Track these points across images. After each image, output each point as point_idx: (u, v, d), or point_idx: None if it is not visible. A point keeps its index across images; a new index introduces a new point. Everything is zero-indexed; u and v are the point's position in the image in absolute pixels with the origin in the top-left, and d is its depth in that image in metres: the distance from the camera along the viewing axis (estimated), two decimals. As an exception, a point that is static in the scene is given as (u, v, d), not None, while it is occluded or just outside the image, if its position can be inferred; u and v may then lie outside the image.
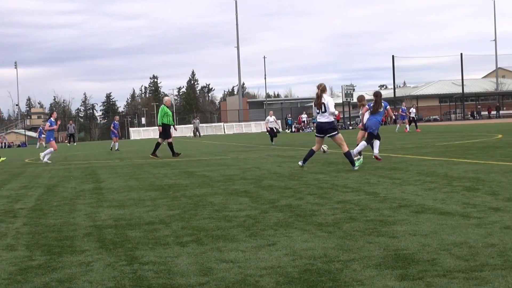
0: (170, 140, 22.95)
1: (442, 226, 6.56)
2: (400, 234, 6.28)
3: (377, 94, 15.72)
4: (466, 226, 6.50)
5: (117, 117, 37.01)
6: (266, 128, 32.10)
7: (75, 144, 56.10)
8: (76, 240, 6.86)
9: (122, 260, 5.77)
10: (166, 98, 24.70)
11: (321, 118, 13.36)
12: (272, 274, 5.02)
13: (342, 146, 13.42)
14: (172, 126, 23.23)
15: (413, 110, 46.29)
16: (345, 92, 76.99)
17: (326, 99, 13.23)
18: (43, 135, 49.81)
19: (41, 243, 6.78)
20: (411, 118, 44.28)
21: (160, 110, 23.24)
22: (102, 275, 5.25)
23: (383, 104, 15.76)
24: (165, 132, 22.94)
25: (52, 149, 23.49)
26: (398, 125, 43.53)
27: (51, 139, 24.07)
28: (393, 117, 25.79)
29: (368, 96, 20.46)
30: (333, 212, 7.82)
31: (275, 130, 30.96)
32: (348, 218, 7.38)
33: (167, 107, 23.24)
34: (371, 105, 15.79)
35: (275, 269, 5.17)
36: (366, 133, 15.75)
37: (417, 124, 44.66)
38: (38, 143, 53.43)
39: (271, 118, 31.28)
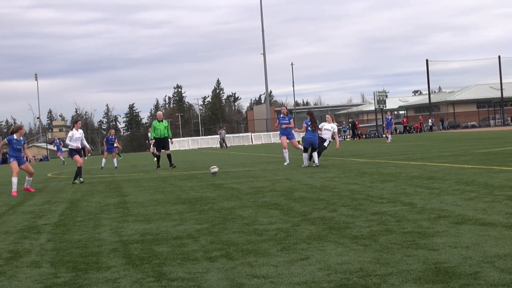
0: (159, 153, 25.48)
1: (485, 238, 6.27)
2: (440, 246, 6.03)
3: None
4: (510, 237, 6.22)
5: (112, 131, 32.90)
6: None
7: (85, 158, 54.95)
8: (102, 256, 6.69)
9: (150, 276, 5.60)
10: (158, 112, 26.98)
11: None
12: (306, 290, 4.82)
13: None
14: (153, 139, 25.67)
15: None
16: (378, 98, 75.72)
17: None
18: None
19: (66, 259, 6.63)
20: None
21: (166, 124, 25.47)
22: (130, 293, 5.09)
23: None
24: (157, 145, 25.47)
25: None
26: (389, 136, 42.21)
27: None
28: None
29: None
30: (368, 224, 7.55)
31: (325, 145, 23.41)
32: (385, 230, 7.10)
33: (158, 121, 25.27)
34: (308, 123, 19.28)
35: (309, 284, 4.99)
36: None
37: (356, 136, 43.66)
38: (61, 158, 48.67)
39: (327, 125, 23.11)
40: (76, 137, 18.94)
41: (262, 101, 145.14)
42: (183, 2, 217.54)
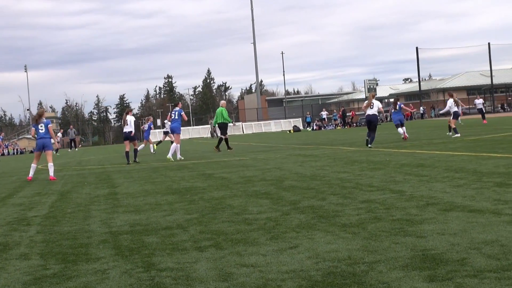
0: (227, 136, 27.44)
1: (472, 224, 6.32)
2: (428, 233, 6.07)
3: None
4: (497, 224, 6.26)
5: (151, 118, 31.98)
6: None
7: (76, 149, 55.18)
8: (91, 247, 6.70)
9: (139, 267, 5.61)
10: (222, 101, 28.65)
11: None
12: (294, 278, 4.87)
13: None
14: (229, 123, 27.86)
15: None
16: (368, 86, 76.45)
17: None
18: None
19: (56, 251, 6.63)
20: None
21: (222, 111, 27.13)
22: (119, 283, 5.12)
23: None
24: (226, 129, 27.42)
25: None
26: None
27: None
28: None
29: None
30: (357, 212, 7.58)
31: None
32: (373, 218, 7.14)
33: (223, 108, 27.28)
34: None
35: (298, 272, 5.02)
36: None
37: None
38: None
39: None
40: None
41: (253, 91, 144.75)
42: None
